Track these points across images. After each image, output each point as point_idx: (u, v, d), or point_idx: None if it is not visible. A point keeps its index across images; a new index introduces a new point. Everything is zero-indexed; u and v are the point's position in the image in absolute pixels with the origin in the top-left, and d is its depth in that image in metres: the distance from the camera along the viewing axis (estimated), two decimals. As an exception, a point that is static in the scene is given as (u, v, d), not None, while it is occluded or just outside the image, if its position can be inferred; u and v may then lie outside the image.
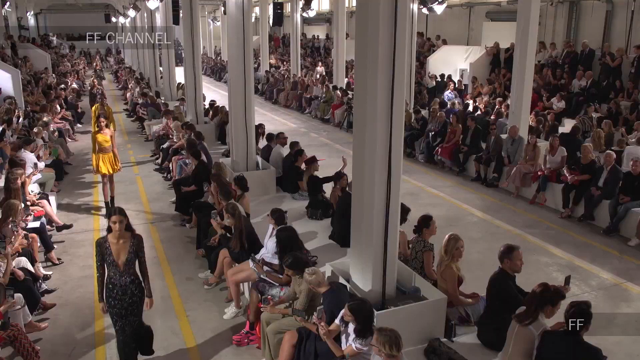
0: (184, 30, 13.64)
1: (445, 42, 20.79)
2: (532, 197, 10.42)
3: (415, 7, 15.42)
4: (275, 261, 6.05)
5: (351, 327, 4.48)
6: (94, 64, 33.23)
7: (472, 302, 5.55)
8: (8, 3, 24.83)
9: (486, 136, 12.19)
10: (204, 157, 9.73)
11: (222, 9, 27.31)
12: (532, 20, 11.01)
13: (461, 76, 18.99)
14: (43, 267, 7.62)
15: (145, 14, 21.19)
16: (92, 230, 9.19)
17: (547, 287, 4.33)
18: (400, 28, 4.66)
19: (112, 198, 9.83)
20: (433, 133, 13.36)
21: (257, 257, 6.18)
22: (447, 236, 5.60)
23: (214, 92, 24.56)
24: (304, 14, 22.36)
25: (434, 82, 19.07)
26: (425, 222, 6.02)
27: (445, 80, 18.41)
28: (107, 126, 9.57)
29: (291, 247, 5.74)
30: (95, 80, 21.36)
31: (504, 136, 11.72)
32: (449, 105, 15.03)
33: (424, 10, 14.74)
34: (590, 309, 4.09)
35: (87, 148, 14.38)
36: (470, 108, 15.18)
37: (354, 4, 30.02)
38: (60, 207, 10.16)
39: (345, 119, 17.74)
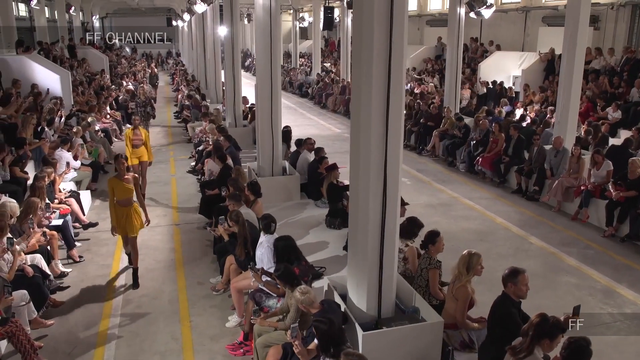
0: (224, 34, 13.73)
1: (498, 48, 19.99)
2: (574, 213, 9.74)
3: (462, 11, 14.88)
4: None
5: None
6: (149, 69, 32.32)
7: (478, 327, 5.15)
8: (73, 8, 26.08)
9: (530, 146, 11.54)
10: (230, 161, 9.68)
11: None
12: (581, 24, 10.33)
13: (513, 83, 18.19)
14: (64, 265, 7.79)
15: (197, 18, 21.64)
16: (117, 229, 9.31)
17: (545, 318, 3.92)
18: (397, 28, 4.38)
19: (135, 270, 7.34)
20: (475, 142, 12.82)
21: (258, 266, 6.01)
22: (466, 252, 5.20)
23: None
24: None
25: (485, 89, 18.37)
26: (431, 238, 5.65)
27: (495, 87, 17.70)
28: (128, 170, 7.38)
29: (288, 257, 5.53)
30: (145, 88, 20.53)
31: (549, 147, 11.05)
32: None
33: (472, 15, 14.16)
34: (589, 347, 3.65)
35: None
36: (518, 116, 14.42)
37: (410, 7, 29.58)
38: (93, 205, 10.42)
39: (389, 125, 17.38)
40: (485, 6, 13.51)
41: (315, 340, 4.35)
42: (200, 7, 16.40)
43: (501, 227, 9.53)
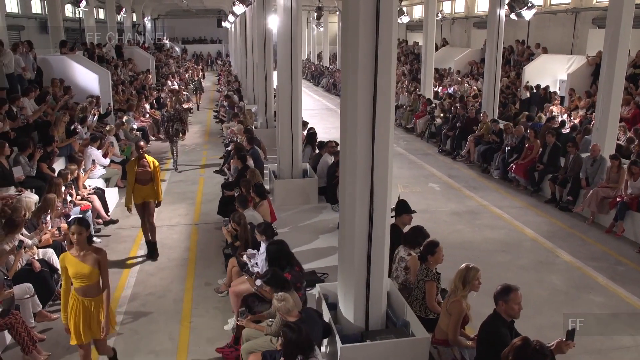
0: (258, 34, 13.75)
1: (545, 51, 19.20)
2: (609, 226, 9.17)
3: (503, 12, 14.36)
4: (271, 275, 5.76)
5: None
6: (194, 72, 30.13)
7: (471, 345, 4.86)
8: (124, 9, 26.95)
9: (567, 154, 10.97)
10: (250, 162, 9.66)
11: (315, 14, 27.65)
12: (623, 25, 9.73)
13: (559, 88, 17.42)
14: (79, 260, 7.94)
15: (240, 19, 21.88)
16: (138, 227, 9.42)
17: (527, 342, 3.62)
18: (384, 30, 4.19)
19: None
20: (509, 148, 12.33)
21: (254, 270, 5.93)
22: (464, 265, 4.94)
23: (306, 96, 24.79)
24: (398, 20, 21.86)
25: (528, 94, 17.68)
26: (430, 249, 5.37)
27: (539, 91, 16.99)
28: (90, 241, 5.43)
29: (280, 262, 5.41)
30: (176, 98, 16.56)
31: (587, 155, 10.46)
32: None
33: (513, 16, 13.63)
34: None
35: (165, 148, 14.96)
36: (558, 122, 13.77)
37: (457, 9, 28.90)
38: (120, 203, 10.61)
39: (427, 129, 17.05)
40: (526, 7, 13.00)
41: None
42: (238, 9, 16.51)
43: (528, 238, 9.07)
